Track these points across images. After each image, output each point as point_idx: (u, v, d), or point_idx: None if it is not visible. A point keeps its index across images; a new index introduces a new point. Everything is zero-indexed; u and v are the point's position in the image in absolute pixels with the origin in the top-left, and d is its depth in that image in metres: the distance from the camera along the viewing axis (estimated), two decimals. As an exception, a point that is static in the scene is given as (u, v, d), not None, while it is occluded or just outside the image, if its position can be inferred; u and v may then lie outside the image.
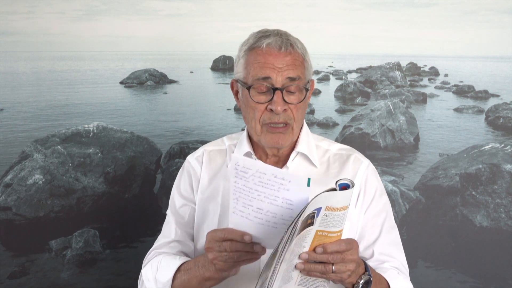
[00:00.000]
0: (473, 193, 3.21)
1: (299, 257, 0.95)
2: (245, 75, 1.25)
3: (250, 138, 1.34)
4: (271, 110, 1.21)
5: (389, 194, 3.18)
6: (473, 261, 3.07)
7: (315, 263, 0.96)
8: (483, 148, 3.37)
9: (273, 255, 0.97)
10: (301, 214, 0.92)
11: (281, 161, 1.32)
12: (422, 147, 3.68)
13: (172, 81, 4.06)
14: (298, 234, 0.94)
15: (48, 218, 3.07)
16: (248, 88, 1.23)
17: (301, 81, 1.24)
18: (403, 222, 3.18)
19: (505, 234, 3.11)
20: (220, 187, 1.33)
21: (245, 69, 1.25)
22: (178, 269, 1.20)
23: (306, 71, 1.26)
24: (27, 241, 3.01)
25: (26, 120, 3.46)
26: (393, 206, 3.13)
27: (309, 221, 0.94)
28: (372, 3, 3.81)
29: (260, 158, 1.32)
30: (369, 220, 1.29)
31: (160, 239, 1.37)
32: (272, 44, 1.22)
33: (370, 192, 1.30)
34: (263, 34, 1.25)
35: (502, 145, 3.35)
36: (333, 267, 0.96)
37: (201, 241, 1.31)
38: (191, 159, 1.40)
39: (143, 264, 1.35)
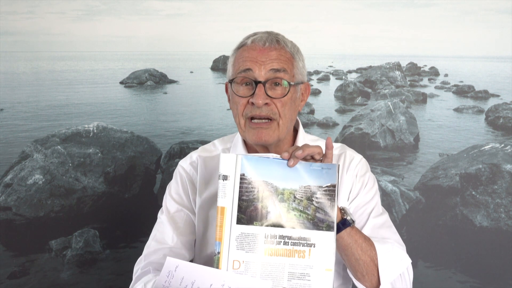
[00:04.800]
0: (473, 193, 3.21)
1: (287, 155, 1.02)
2: (232, 72, 1.25)
3: (244, 140, 1.32)
4: (253, 103, 1.18)
5: (389, 194, 3.18)
6: (473, 261, 3.07)
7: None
8: (483, 148, 3.37)
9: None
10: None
11: None
12: (422, 147, 3.68)
13: (172, 81, 4.06)
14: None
15: (48, 218, 3.07)
16: (231, 82, 1.23)
17: (287, 75, 1.21)
18: (403, 222, 3.18)
19: (505, 234, 3.11)
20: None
21: (232, 66, 1.26)
22: None
23: (295, 69, 1.24)
24: (27, 241, 3.01)
25: (26, 120, 3.46)
26: (393, 206, 3.13)
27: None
28: (372, 3, 3.81)
29: None
30: (358, 209, 1.28)
31: (152, 245, 1.30)
32: (257, 40, 1.22)
33: (360, 184, 1.31)
34: (252, 34, 1.25)
35: (502, 145, 3.35)
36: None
37: (207, 250, 1.29)
38: (185, 164, 1.36)
39: (134, 272, 1.27)
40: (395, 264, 1.17)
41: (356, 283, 1.18)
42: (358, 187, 1.30)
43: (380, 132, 3.68)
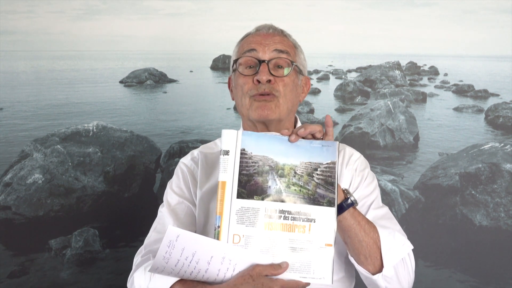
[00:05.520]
0: (473, 192, 3.21)
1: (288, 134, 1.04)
2: (237, 56, 1.30)
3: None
4: (258, 81, 1.23)
5: (389, 193, 3.18)
6: (473, 260, 3.08)
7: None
8: (482, 147, 3.37)
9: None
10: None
11: None
12: (422, 147, 3.68)
13: (171, 80, 4.06)
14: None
15: (48, 217, 3.07)
16: (236, 65, 1.27)
17: (289, 57, 1.26)
18: (403, 222, 3.18)
19: (504, 234, 3.11)
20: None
21: (237, 53, 1.31)
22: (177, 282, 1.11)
23: (297, 57, 1.30)
24: (27, 241, 3.01)
25: (26, 119, 3.46)
26: (392, 205, 3.14)
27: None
28: (372, 3, 3.81)
29: None
30: (358, 202, 1.28)
31: (153, 236, 1.31)
32: (261, 28, 1.30)
33: (360, 178, 1.32)
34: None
35: (502, 144, 3.35)
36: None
37: None
38: (185, 160, 1.39)
39: (134, 262, 1.27)
40: (397, 248, 1.18)
41: (358, 268, 1.18)
42: (358, 181, 1.31)
43: (379, 131, 3.68)
